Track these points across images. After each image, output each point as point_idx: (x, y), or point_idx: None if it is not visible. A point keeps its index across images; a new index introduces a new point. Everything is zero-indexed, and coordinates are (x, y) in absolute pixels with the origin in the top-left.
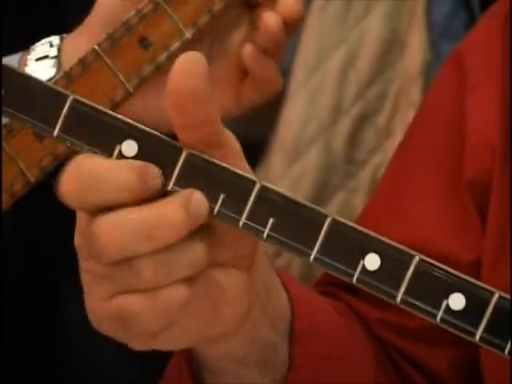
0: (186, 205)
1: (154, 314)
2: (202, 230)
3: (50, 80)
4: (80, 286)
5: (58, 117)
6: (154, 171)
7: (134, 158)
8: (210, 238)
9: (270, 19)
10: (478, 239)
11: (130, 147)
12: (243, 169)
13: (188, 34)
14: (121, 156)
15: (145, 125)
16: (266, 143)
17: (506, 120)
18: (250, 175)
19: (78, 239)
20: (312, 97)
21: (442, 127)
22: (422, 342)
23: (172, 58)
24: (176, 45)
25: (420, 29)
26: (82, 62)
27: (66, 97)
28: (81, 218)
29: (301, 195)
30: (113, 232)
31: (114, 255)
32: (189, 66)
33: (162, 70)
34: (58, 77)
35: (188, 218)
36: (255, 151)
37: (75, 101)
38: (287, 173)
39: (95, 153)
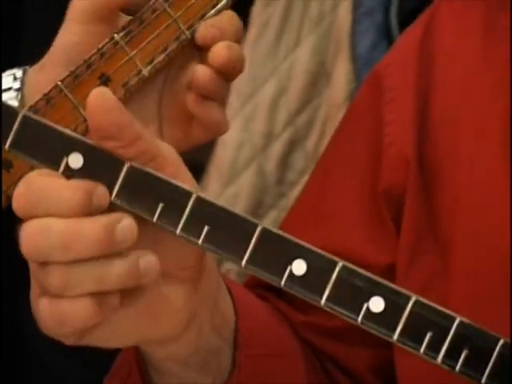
0: (110, 227)
1: (57, 321)
2: (133, 252)
3: None
4: None
5: (10, 132)
6: (100, 190)
7: (80, 169)
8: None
9: (199, 72)
10: (393, 244)
11: (76, 160)
12: (183, 176)
13: (145, 72)
14: (68, 168)
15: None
16: (203, 166)
17: (419, 133)
18: (186, 187)
19: None
20: (246, 123)
21: (361, 140)
22: (342, 342)
23: (130, 92)
24: (134, 81)
25: (345, 60)
26: (47, 96)
27: (17, 112)
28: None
29: None
30: (34, 237)
31: (32, 258)
32: (99, 103)
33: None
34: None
35: (107, 239)
36: (192, 174)
37: (25, 117)
38: (223, 194)
39: (44, 165)
